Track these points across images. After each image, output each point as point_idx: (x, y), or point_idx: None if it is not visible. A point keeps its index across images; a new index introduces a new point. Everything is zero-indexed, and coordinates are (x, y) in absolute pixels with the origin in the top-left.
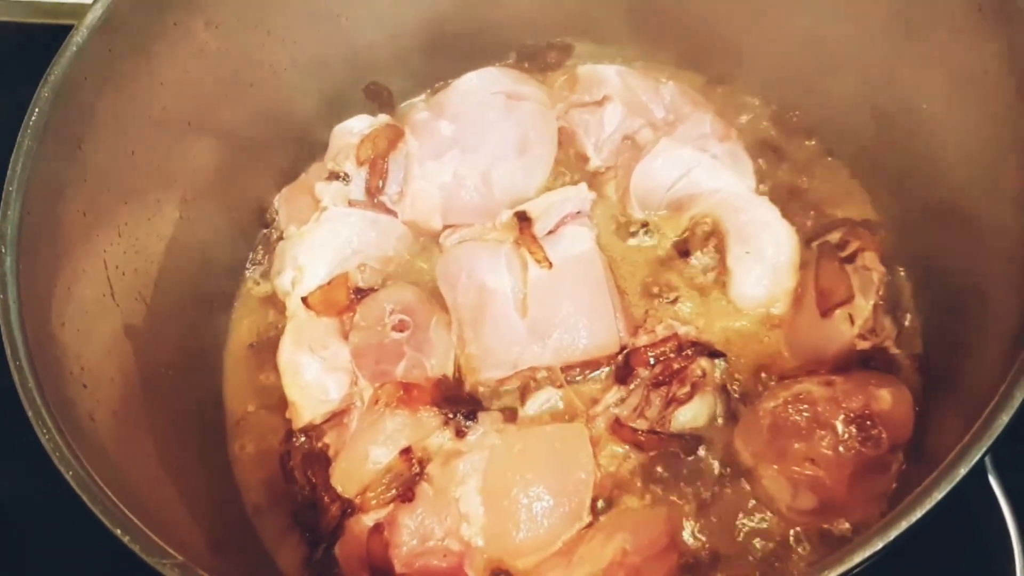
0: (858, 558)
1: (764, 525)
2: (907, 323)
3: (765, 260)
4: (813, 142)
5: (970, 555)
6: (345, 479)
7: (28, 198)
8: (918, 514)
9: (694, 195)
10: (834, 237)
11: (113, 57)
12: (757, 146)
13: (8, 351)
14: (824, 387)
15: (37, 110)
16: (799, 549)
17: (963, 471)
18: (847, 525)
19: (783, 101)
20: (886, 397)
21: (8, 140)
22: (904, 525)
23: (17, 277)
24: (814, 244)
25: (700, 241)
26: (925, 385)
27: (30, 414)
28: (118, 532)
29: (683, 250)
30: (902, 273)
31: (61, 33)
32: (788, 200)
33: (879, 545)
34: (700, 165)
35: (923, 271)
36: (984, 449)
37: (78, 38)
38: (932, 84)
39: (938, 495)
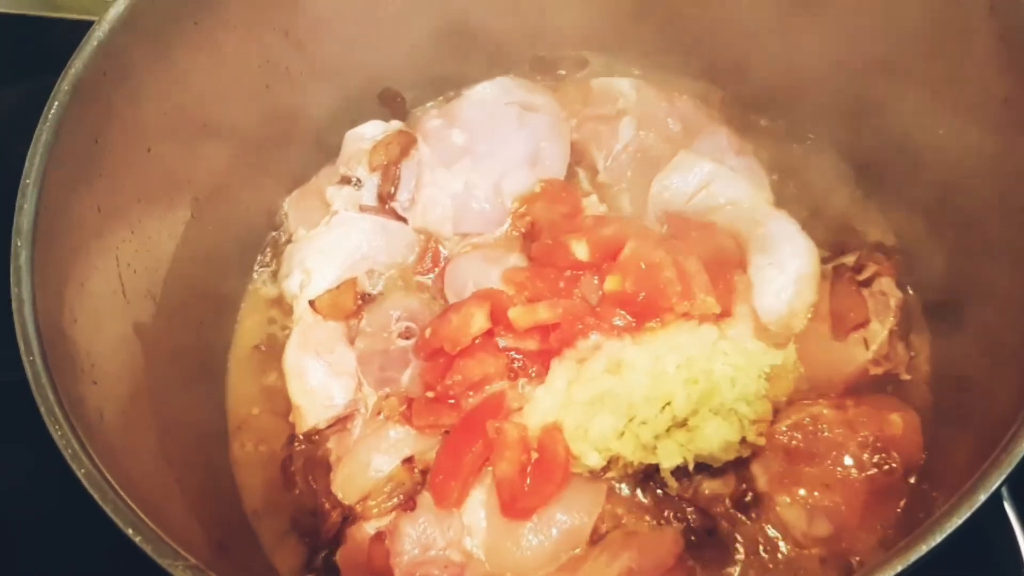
0: None
1: (778, 548)
2: (918, 347)
3: (787, 272)
4: (828, 161)
5: None
6: (346, 486)
7: (44, 192)
8: (938, 538)
9: (713, 207)
10: (850, 260)
11: (132, 54)
12: (772, 162)
13: (21, 346)
14: (836, 410)
15: (56, 103)
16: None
17: (982, 497)
18: (859, 552)
19: (798, 120)
20: (897, 422)
21: (22, 133)
22: (924, 549)
23: (32, 272)
24: (829, 265)
25: None
26: (935, 410)
27: (43, 410)
28: (130, 532)
29: None
30: (912, 293)
31: (72, 27)
32: (802, 218)
33: (899, 568)
34: (719, 178)
35: (935, 294)
36: (1004, 476)
37: (99, 33)
38: (951, 110)
39: (958, 520)
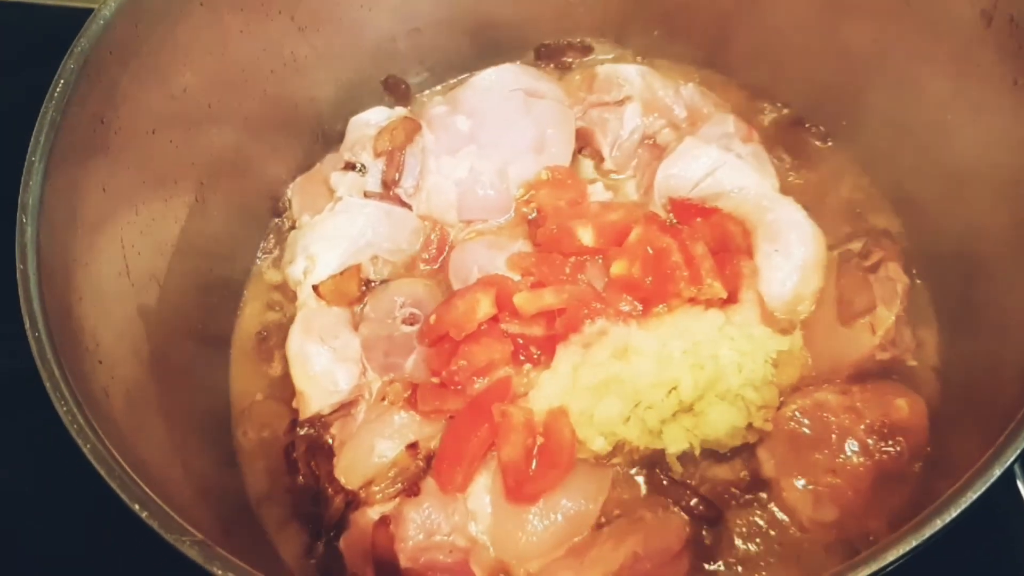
0: (891, 556)
1: (785, 534)
2: (925, 335)
3: (793, 258)
4: (834, 147)
5: (996, 561)
6: (349, 471)
7: (50, 169)
8: (952, 513)
9: (719, 194)
10: (856, 246)
11: (139, 34)
12: (778, 149)
13: (27, 322)
14: (841, 396)
15: (62, 82)
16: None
17: (997, 472)
18: (865, 537)
19: (805, 106)
20: (903, 407)
21: (27, 119)
22: (939, 524)
23: (37, 248)
24: (835, 251)
25: None
26: (941, 396)
27: (48, 386)
28: (136, 507)
29: None
30: (919, 282)
31: (80, 15)
32: (808, 205)
33: (913, 543)
34: (726, 164)
35: (941, 281)
36: (1018, 451)
37: (105, 12)
38: (959, 95)
39: (972, 495)
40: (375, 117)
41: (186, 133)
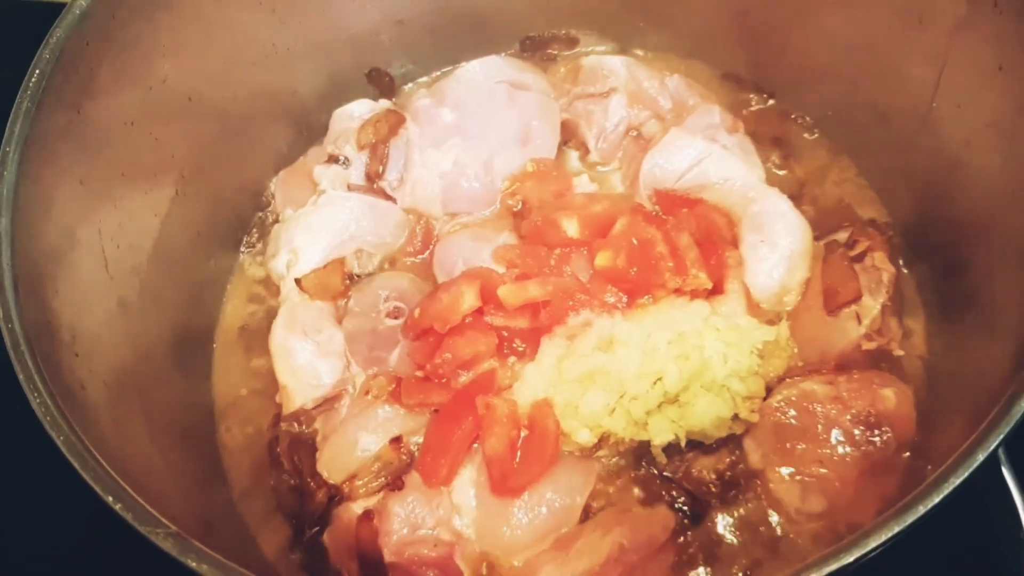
0: (874, 542)
1: (771, 525)
2: (911, 323)
3: (779, 249)
4: (820, 138)
5: (982, 547)
6: (332, 466)
7: (25, 160)
8: (935, 499)
9: (704, 185)
10: (842, 236)
11: (116, 23)
12: (763, 140)
13: (0, 312)
14: (827, 386)
15: (37, 71)
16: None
17: (981, 456)
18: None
19: (791, 97)
20: (890, 397)
21: (3, 111)
22: (922, 510)
23: (12, 239)
24: (821, 242)
25: None
26: (928, 385)
27: (21, 377)
28: (110, 499)
29: None
30: (906, 272)
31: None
32: (794, 196)
33: (896, 529)
34: (711, 155)
35: (928, 271)
36: (1002, 435)
37: (82, 1)
38: (944, 83)
39: (956, 480)
40: (359, 109)
41: (166, 125)
